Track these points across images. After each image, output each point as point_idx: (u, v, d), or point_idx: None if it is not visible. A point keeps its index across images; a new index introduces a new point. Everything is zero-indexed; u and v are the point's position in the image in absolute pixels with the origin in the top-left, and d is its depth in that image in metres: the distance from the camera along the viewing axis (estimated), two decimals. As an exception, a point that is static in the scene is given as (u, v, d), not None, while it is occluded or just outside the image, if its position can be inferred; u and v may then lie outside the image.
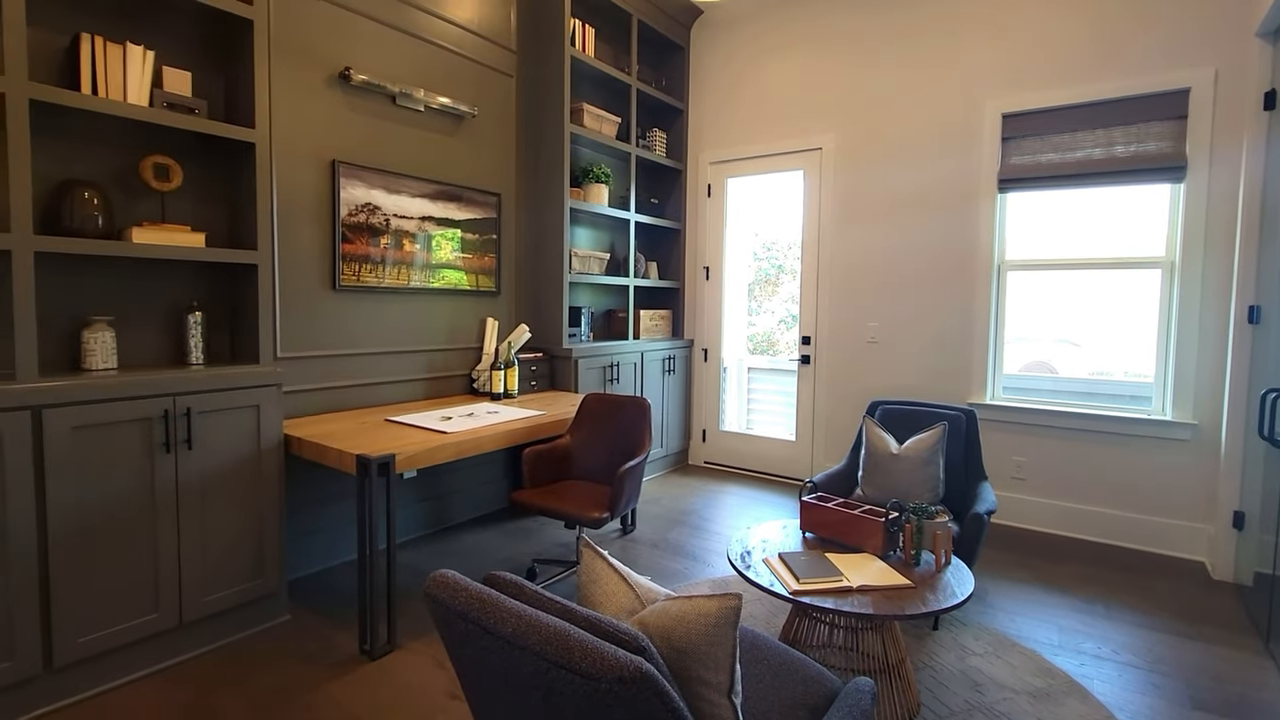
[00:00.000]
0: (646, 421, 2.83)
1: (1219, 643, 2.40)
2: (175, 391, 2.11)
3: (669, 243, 4.88)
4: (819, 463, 4.33)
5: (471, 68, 3.54)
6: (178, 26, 2.40)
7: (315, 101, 2.86)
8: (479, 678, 1.11)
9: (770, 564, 1.96)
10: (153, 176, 2.29)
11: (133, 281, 2.32)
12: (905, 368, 3.97)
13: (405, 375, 3.27)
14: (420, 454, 2.31)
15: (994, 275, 3.70)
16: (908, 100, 3.92)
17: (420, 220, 3.31)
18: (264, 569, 2.36)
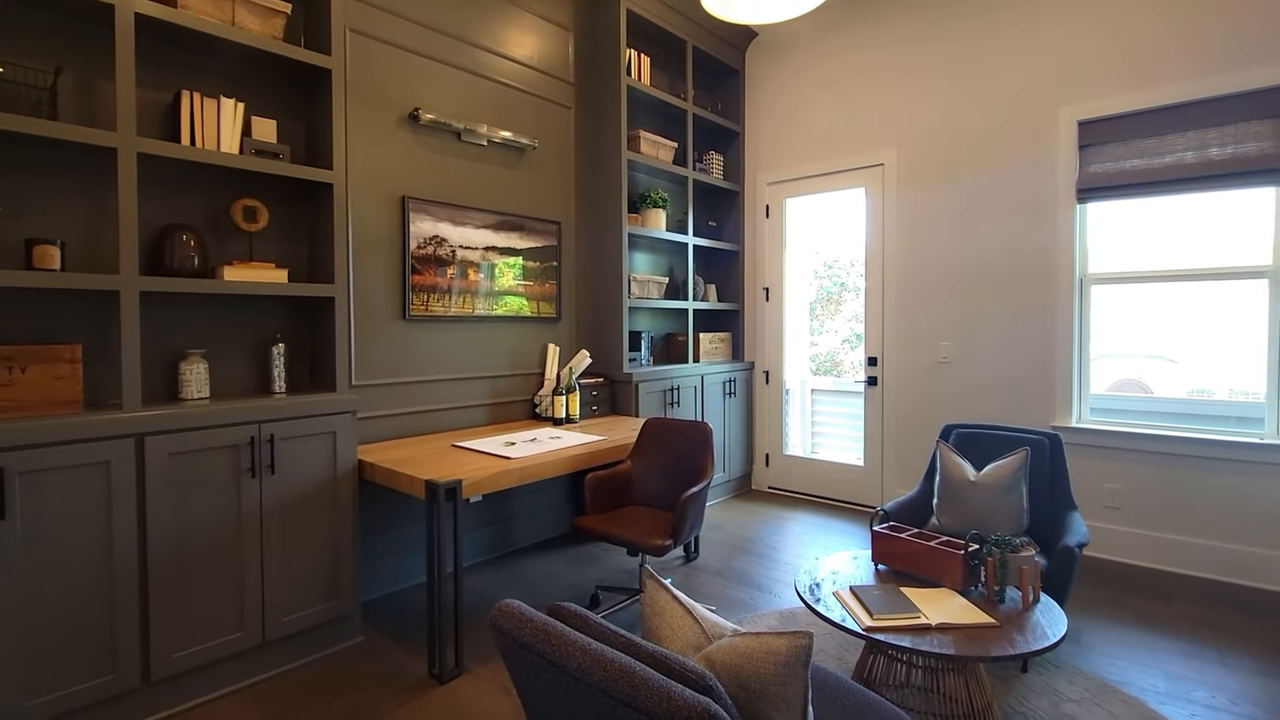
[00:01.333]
0: (708, 447, 2.79)
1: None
2: (260, 419, 2.23)
3: (727, 265, 4.85)
4: (889, 489, 4.15)
5: (531, 101, 3.66)
6: (265, 79, 2.58)
7: (387, 141, 3.02)
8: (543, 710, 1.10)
9: (841, 597, 1.88)
10: (242, 218, 2.46)
11: (223, 316, 2.49)
12: (980, 389, 3.77)
13: (470, 401, 3.35)
14: (485, 479, 2.35)
15: (1076, 289, 3.48)
16: (974, 112, 3.78)
17: (484, 250, 3.42)
18: (339, 591, 2.45)
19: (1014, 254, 3.65)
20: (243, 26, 2.35)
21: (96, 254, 2.18)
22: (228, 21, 2.31)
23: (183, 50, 2.36)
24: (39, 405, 1.95)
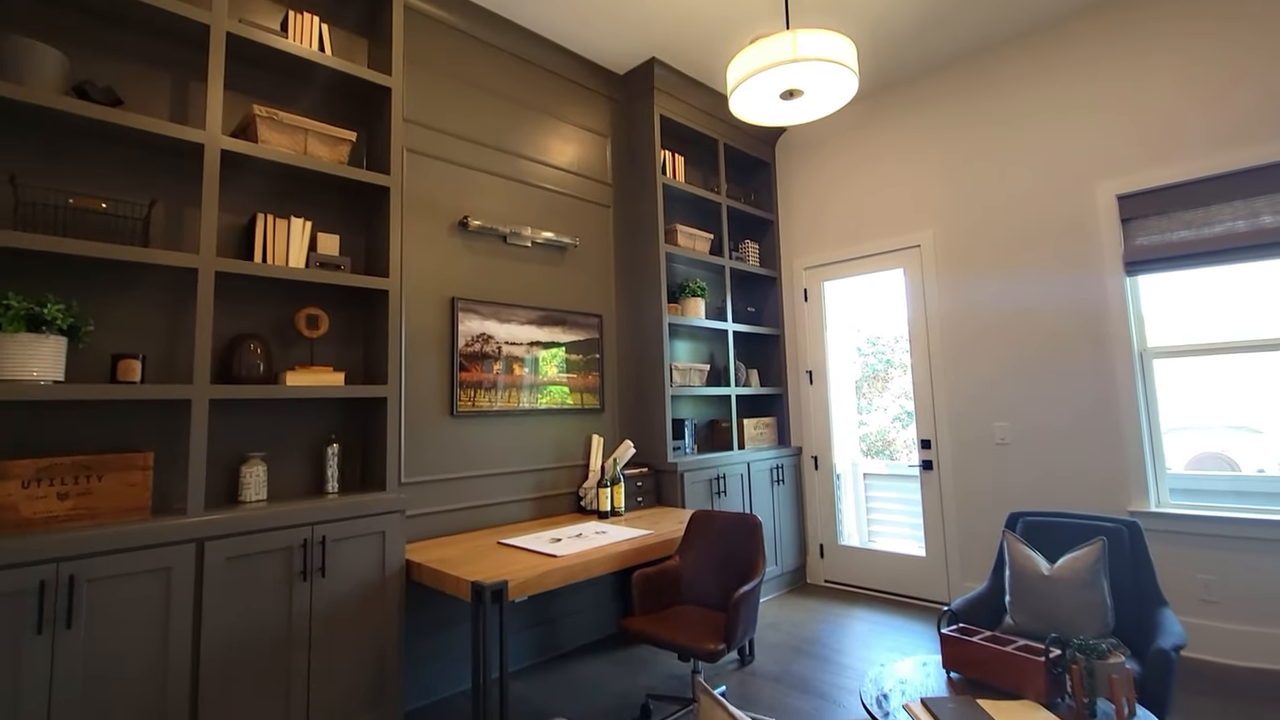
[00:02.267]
0: (758, 541, 2.69)
1: None
2: (314, 521, 2.27)
3: (768, 349, 4.86)
4: (955, 582, 3.89)
5: (572, 203, 3.86)
6: (330, 198, 2.81)
7: (438, 247, 3.20)
8: None
9: (912, 711, 1.73)
10: (305, 326, 2.60)
11: (283, 419, 2.59)
12: (1044, 472, 3.58)
13: (516, 495, 3.35)
14: (531, 580, 2.31)
15: (1136, 363, 3.35)
16: (1009, 190, 3.81)
17: (528, 345, 3.52)
18: (383, 699, 2.38)
19: (1064, 330, 3.56)
20: (313, 155, 2.59)
21: (173, 365, 2.33)
22: (301, 151, 2.55)
23: (260, 177, 2.60)
24: (111, 512, 2.04)
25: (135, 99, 2.33)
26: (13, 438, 2.03)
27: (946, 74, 4.10)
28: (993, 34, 3.78)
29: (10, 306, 1.89)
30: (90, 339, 2.15)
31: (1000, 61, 3.88)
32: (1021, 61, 3.80)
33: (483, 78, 3.46)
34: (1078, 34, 3.60)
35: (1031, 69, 3.76)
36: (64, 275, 2.15)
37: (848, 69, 2.15)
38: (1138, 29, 3.41)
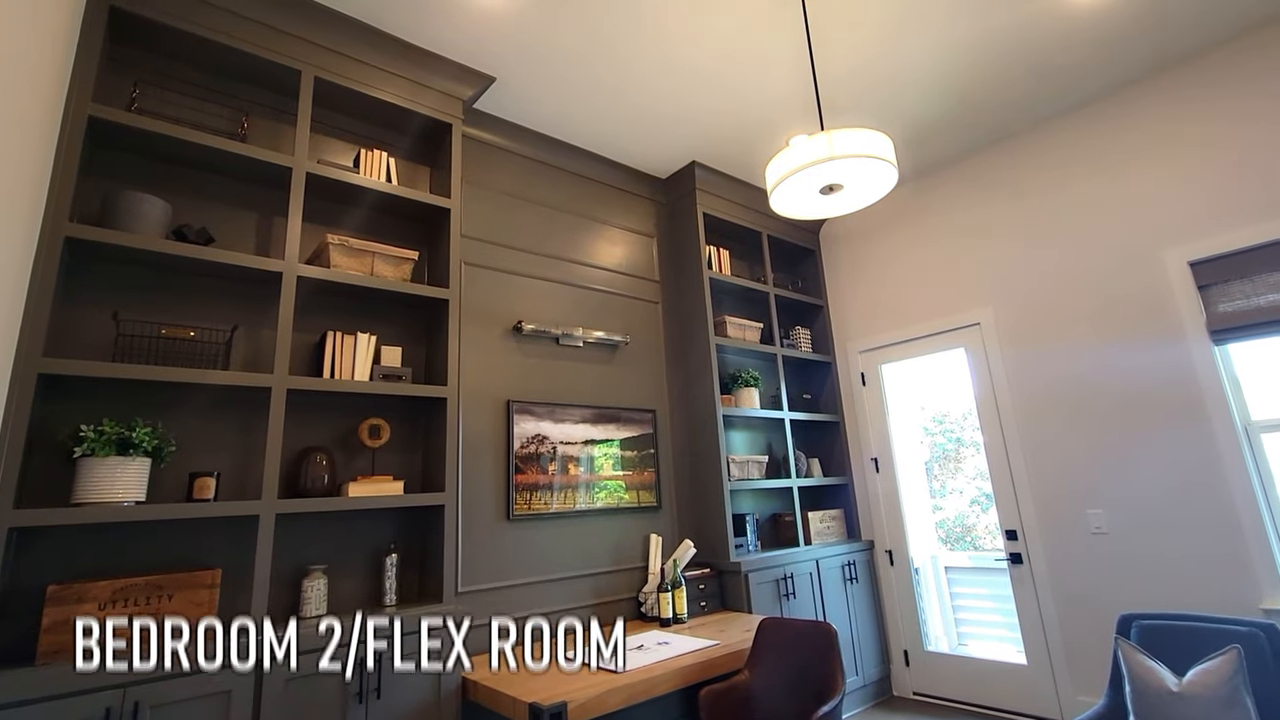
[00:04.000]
0: (835, 653, 2.48)
1: None
2: (372, 638, 2.22)
3: (829, 437, 4.69)
4: (1066, 695, 3.44)
5: (621, 301, 3.95)
6: (393, 313, 2.96)
7: (493, 352, 3.30)
8: None
9: None
10: (367, 436, 2.68)
11: (344, 529, 2.62)
12: (1153, 567, 3.22)
13: (573, 603, 3.23)
14: (591, 701, 2.17)
15: (1242, 439, 3.05)
16: (1070, 263, 3.69)
17: (583, 444, 3.51)
18: (437, 838, 2.22)
19: (1150, 407, 3.31)
20: (379, 274, 2.76)
21: (244, 480, 2.41)
22: (368, 272, 2.73)
23: (330, 297, 2.77)
24: (177, 633, 2.05)
25: (225, 236, 2.56)
26: (95, 558, 2.11)
27: (990, 155, 4.12)
28: (1035, 114, 3.80)
29: (104, 432, 2.02)
30: (171, 459, 2.26)
31: (1046, 137, 3.87)
32: (1068, 136, 3.78)
33: (533, 192, 3.69)
34: (1129, 101, 3.55)
35: (1079, 142, 3.73)
36: (153, 401, 2.29)
37: (885, 162, 2.18)
38: (1186, 102, 3.36)
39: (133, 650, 1.89)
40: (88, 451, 1.99)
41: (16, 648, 1.90)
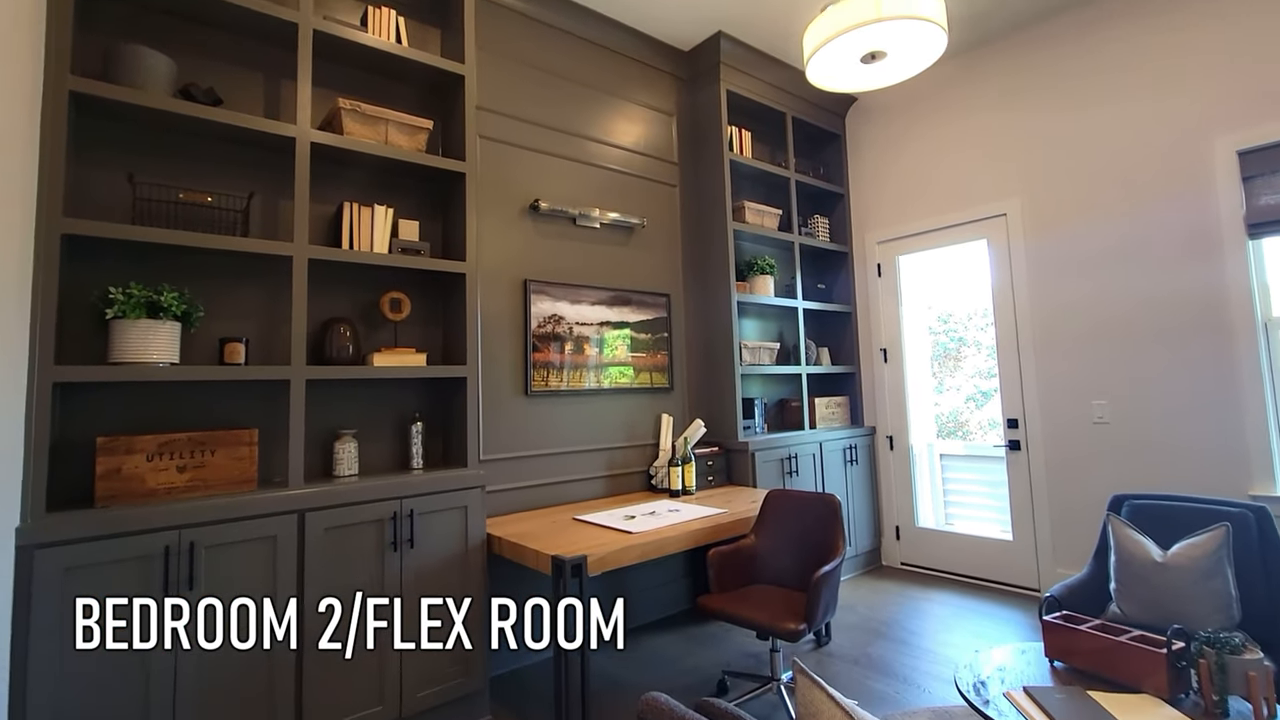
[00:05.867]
0: (838, 521, 2.63)
1: None
2: (402, 495, 2.37)
3: (840, 327, 4.71)
4: (1047, 568, 3.69)
5: (638, 183, 3.84)
6: (409, 186, 2.89)
7: (510, 231, 3.25)
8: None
9: (1016, 701, 1.65)
10: (389, 309, 2.71)
11: (370, 398, 2.71)
12: (1151, 454, 3.33)
13: (588, 473, 3.40)
14: (609, 555, 2.34)
15: (1260, 334, 3.05)
16: (1108, 152, 3.52)
17: (598, 325, 3.54)
18: (469, 667, 2.48)
19: (1173, 299, 3.28)
20: (393, 144, 2.67)
21: (271, 348, 2.47)
22: (382, 141, 2.64)
23: (345, 168, 2.70)
24: (222, 484, 2.19)
25: (233, 99, 2.45)
26: (135, 415, 2.20)
27: (1031, 32, 3.81)
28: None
29: (132, 295, 2.04)
30: (200, 324, 2.30)
31: (1090, 14, 3.57)
32: (1114, 8, 3.48)
33: (549, 61, 3.47)
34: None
35: (1124, 20, 3.44)
36: (176, 266, 2.30)
37: (936, 25, 2.03)
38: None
39: (184, 495, 2.03)
40: (119, 314, 2.02)
41: (75, 493, 2.05)
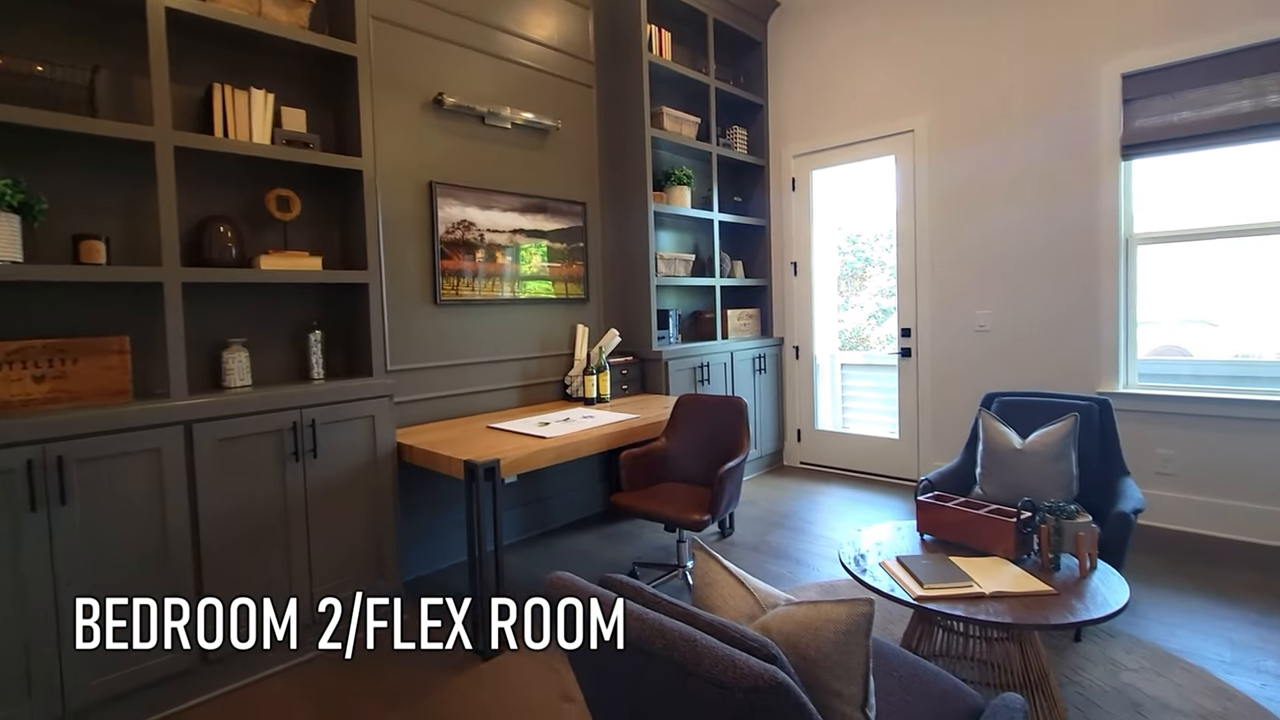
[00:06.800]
0: (743, 422, 2.77)
1: None
2: (302, 405, 2.26)
3: (754, 240, 4.78)
4: (926, 461, 4.08)
5: (553, 82, 3.62)
6: (291, 69, 2.59)
7: (412, 127, 3.01)
8: (599, 682, 1.10)
9: (889, 568, 1.85)
10: (275, 208, 2.48)
11: (262, 305, 2.52)
12: (1021, 357, 3.67)
13: (503, 384, 3.37)
14: (522, 459, 2.37)
15: (1121, 251, 3.36)
16: (1007, 72, 3.64)
17: (511, 233, 3.41)
18: (383, 570, 2.49)
19: (1055, 216, 3.53)
20: (269, 18, 2.35)
21: (140, 248, 2.21)
22: (254, 13, 2.32)
23: (213, 44, 2.37)
24: (91, 395, 2.01)
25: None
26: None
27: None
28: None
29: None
30: (46, 219, 2.02)
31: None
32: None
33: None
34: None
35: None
36: (5, 150, 1.98)
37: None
38: (1165, -119, 3.13)
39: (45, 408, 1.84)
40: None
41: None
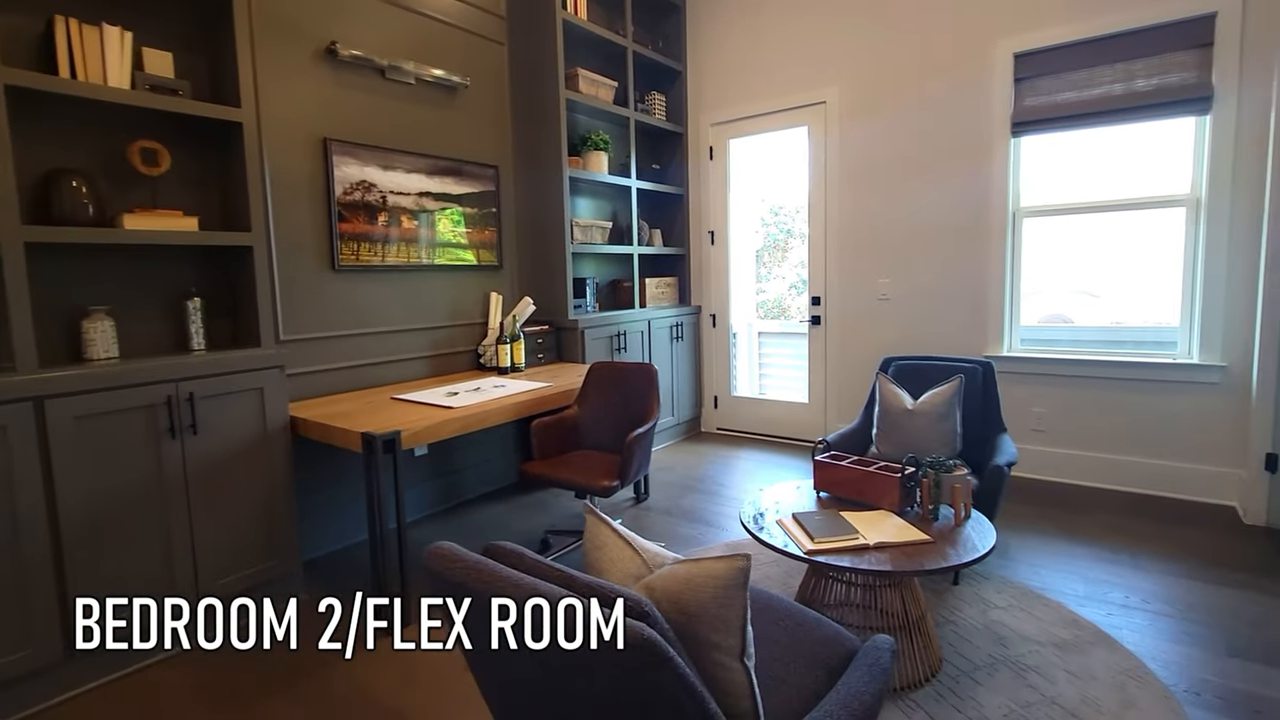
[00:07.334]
0: (654, 388, 2.79)
1: (1253, 588, 2.33)
2: (176, 377, 2.09)
3: (673, 209, 4.78)
4: (833, 424, 4.27)
5: (461, 36, 3.44)
6: (155, 6, 2.33)
7: (302, 79, 2.79)
8: (481, 650, 1.09)
9: (784, 525, 1.93)
10: (141, 161, 2.25)
11: (129, 270, 2.30)
12: (919, 324, 3.87)
13: (410, 353, 3.25)
14: (425, 430, 2.30)
15: (1009, 223, 3.57)
16: (912, 46, 3.75)
17: (418, 196, 3.25)
18: (277, 550, 2.37)
19: (952, 190, 3.70)
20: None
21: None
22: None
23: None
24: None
25: None
26: None
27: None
28: None
29: None
30: None
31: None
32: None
33: None
34: None
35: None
36: None
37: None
38: None
39: None
40: None
41: None
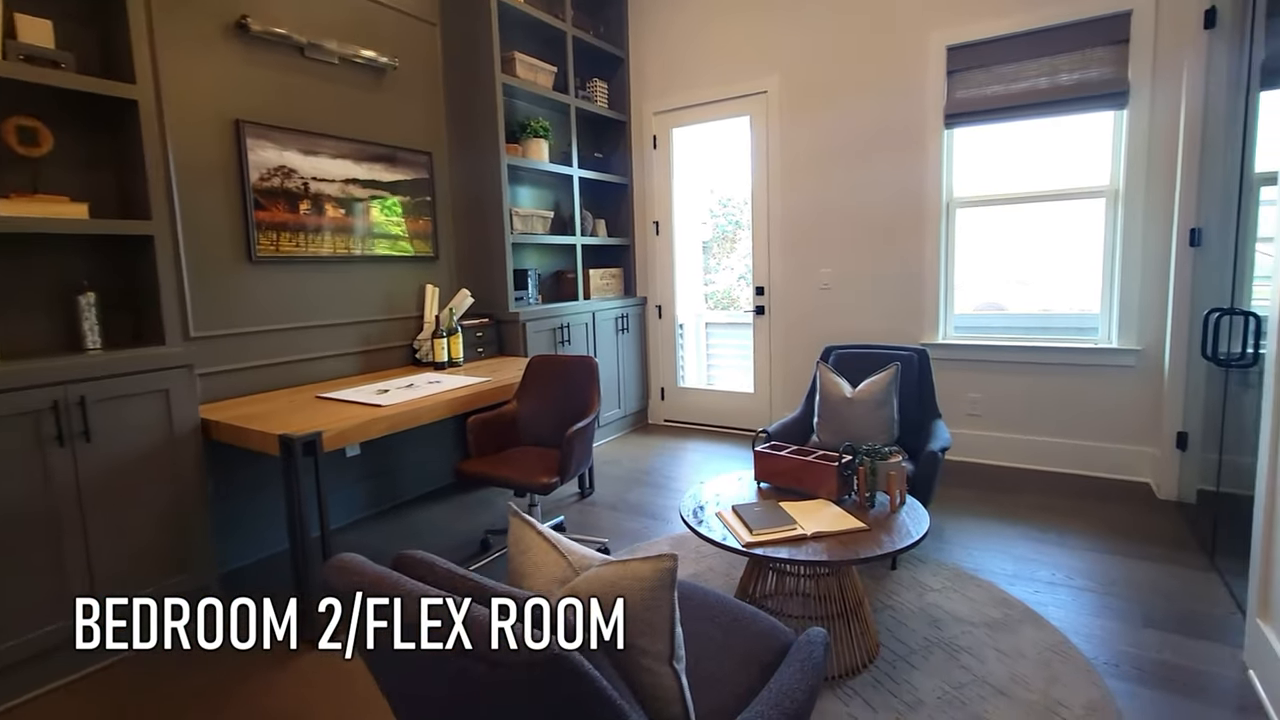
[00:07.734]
0: (594, 381, 2.72)
1: (1167, 561, 2.45)
2: (65, 380, 1.91)
3: (616, 198, 4.70)
4: (777, 413, 4.30)
5: (389, 15, 3.27)
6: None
7: (210, 56, 2.59)
8: (389, 670, 1.01)
9: (723, 517, 1.90)
10: (17, 141, 2.04)
11: (8, 261, 2.08)
12: (858, 312, 3.93)
13: (340, 350, 3.09)
14: (351, 429, 2.17)
15: (943, 214, 3.65)
16: (851, 35, 3.78)
17: (344, 183, 3.08)
18: (190, 562, 2.21)
19: (890, 181, 3.75)
20: (-17, -107, 1.88)
21: None
22: (-40, -115, 1.84)
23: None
24: None
25: None
26: None
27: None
28: None
29: None
30: None
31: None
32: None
33: None
34: None
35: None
36: None
37: None
38: None
39: None
40: None
41: None
